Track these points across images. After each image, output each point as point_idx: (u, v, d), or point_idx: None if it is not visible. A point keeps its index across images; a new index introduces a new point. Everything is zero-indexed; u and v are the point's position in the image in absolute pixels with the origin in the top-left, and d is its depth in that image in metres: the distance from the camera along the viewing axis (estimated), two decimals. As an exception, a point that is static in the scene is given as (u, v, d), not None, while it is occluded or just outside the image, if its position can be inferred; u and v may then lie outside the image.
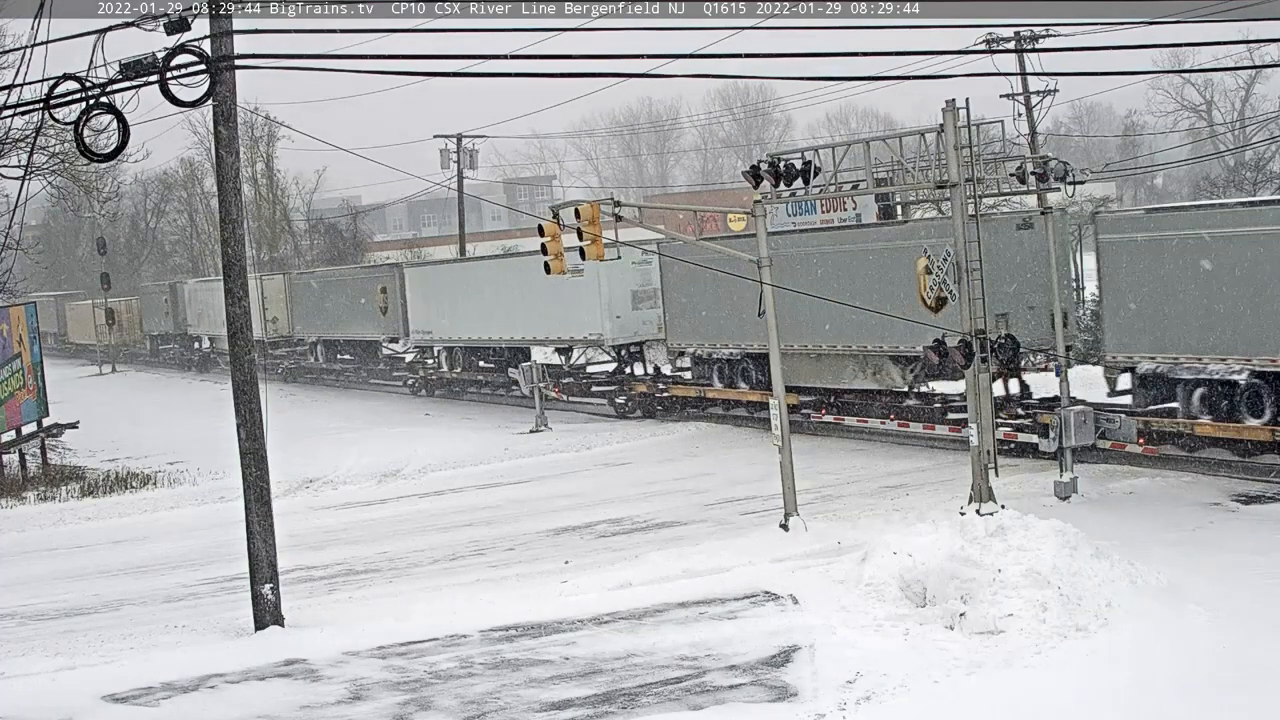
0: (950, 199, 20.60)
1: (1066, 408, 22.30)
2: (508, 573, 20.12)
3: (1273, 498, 21.11)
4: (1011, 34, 40.46)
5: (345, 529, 24.96)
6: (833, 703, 13.29)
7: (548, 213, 22.03)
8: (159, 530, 26.32)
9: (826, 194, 27.04)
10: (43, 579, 22.44)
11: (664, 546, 20.50)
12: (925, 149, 22.96)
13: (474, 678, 14.87)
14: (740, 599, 17.12)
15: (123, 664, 16.21)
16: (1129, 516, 20.21)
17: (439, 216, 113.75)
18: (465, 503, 26.81)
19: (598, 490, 26.71)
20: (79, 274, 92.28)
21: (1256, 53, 54.16)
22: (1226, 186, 52.46)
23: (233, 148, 17.09)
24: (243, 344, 17.39)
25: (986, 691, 13.42)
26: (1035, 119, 44.88)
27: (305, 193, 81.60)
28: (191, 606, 19.67)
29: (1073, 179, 24.00)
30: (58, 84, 15.41)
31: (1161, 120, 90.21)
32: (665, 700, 13.75)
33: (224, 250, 17.46)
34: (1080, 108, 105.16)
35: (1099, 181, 58.27)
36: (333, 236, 75.35)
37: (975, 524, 16.56)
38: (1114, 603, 15.11)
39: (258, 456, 17.21)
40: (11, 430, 32.82)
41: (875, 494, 23.78)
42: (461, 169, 59.39)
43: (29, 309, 34.60)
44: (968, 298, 20.10)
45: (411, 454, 32.64)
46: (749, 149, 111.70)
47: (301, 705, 14.39)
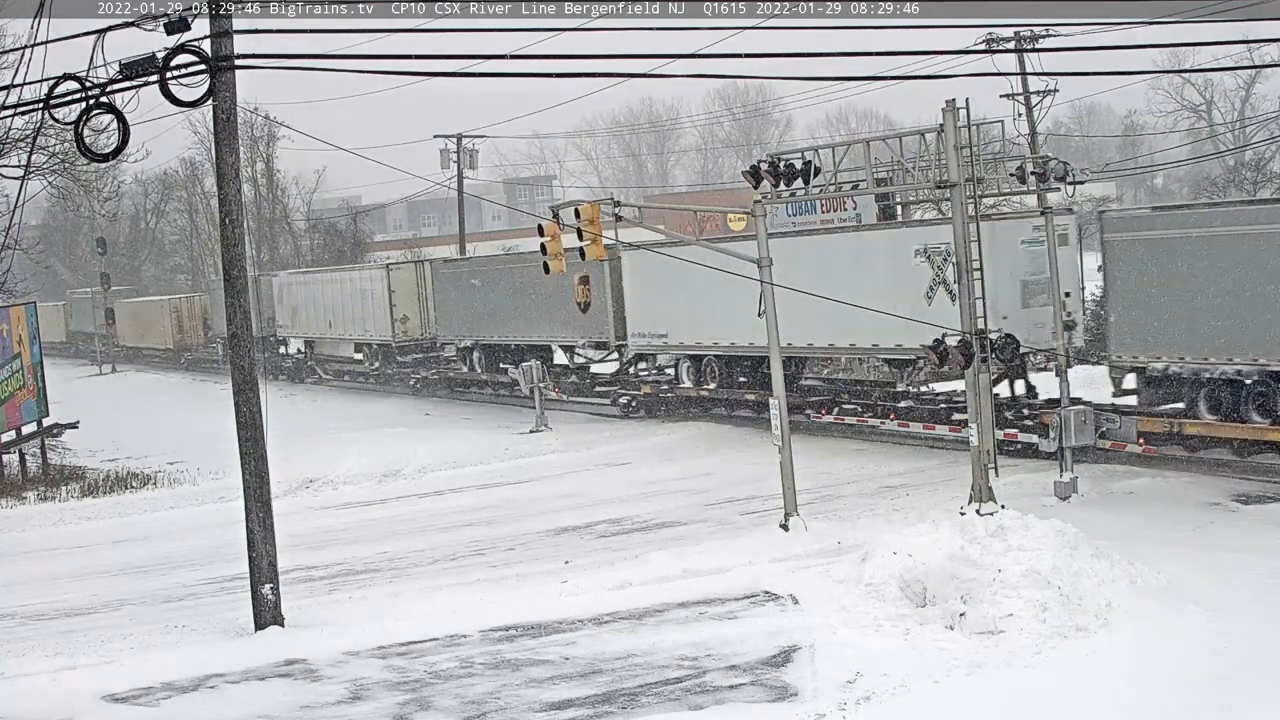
0: (950, 199, 20.60)
1: (1066, 408, 22.31)
2: (508, 573, 20.11)
3: (1273, 498, 21.11)
4: (1011, 34, 40.49)
5: (345, 529, 24.94)
6: (833, 703, 13.29)
7: (548, 213, 22.04)
8: (159, 530, 26.30)
9: (826, 194, 27.09)
10: (43, 579, 22.41)
11: (664, 546, 20.50)
12: (925, 149, 22.99)
13: (474, 678, 14.86)
14: (740, 599, 17.12)
15: (123, 664, 16.20)
16: (1129, 516, 20.20)
17: (439, 216, 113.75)
18: (465, 503, 26.79)
19: (598, 490, 26.69)
20: (79, 274, 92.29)
21: (1256, 53, 54.24)
22: (1227, 186, 52.44)
23: (233, 148, 17.09)
24: (243, 344, 17.37)
25: (986, 691, 13.42)
26: (1035, 119, 44.92)
27: (305, 193, 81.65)
28: (191, 606, 19.66)
29: (1073, 179, 23.99)
30: (58, 84, 15.42)
31: (1161, 120, 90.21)
32: (665, 700, 13.75)
33: (224, 250, 17.46)
34: (1080, 108, 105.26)
35: (1099, 181, 58.29)
36: (332, 236, 75.32)
37: (975, 524, 16.56)
38: (1114, 603, 15.11)
39: (258, 456, 17.21)
40: (11, 430, 32.82)
41: (875, 494, 23.77)
42: (461, 169, 59.42)
43: (29, 309, 34.60)
44: (968, 297, 20.10)
45: (411, 454, 32.63)
46: (749, 149, 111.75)
47: (301, 705, 14.39)
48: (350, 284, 48.94)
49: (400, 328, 45.44)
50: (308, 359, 54.94)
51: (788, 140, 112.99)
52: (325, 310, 50.66)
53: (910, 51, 19.93)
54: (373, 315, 46.69)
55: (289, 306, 53.89)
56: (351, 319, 48.47)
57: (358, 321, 47.98)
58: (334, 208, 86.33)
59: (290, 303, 53.77)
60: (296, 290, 53.53)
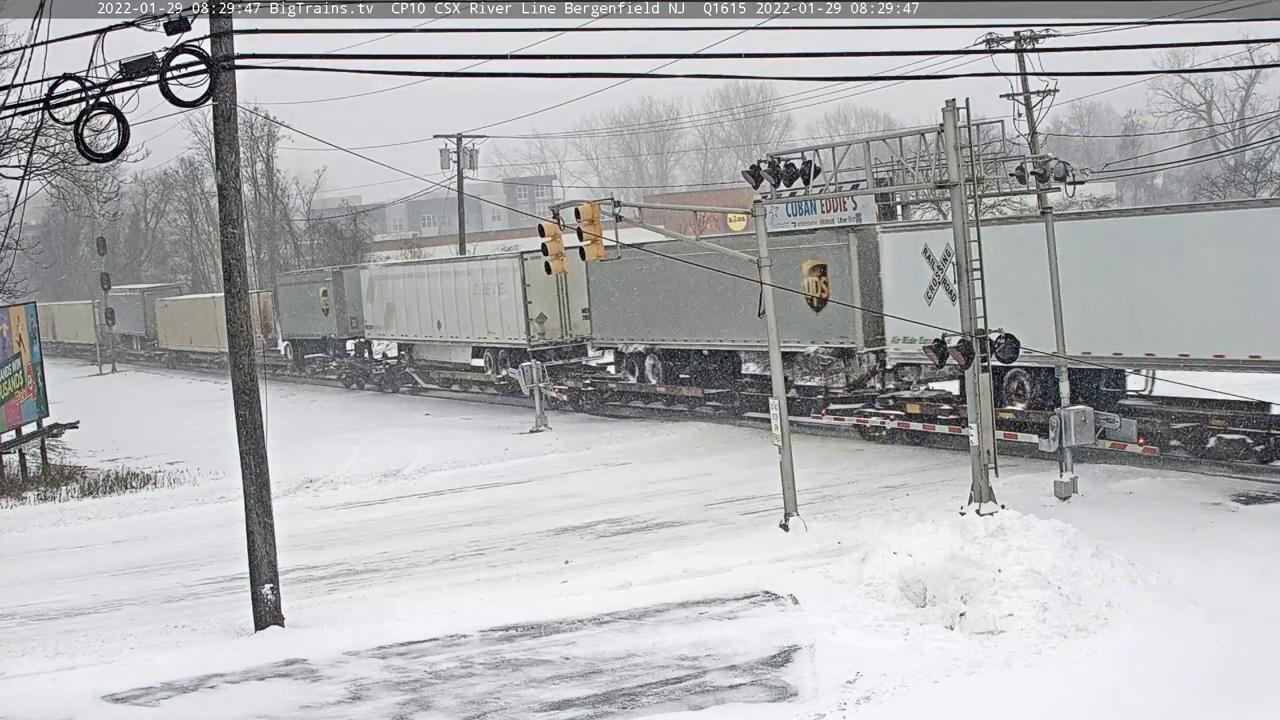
0: (950, 199, 20.58)
1: (1066, 408, 22.29)
2: (508, 573, 20.12)
3: (1273, 498, 21.11)
4: (1011, 34, 40.51)
5: (345, 529, 24.95)
6: (833, 703, 13.29)
7: (548, 213, 22.05)
8: (159, 530, 26.31)
9: (826, 194, 27.03)
10: (43, 579, 22.42)
11: (664, 546, 20.51)
12: (925, 149, 22.92)
13: (474, 678, 14.87)
14: (740, 599, 17.12)
15: (123, 664, 16.21)
16: (1129, 516, 20.20)
17: (439, 216, 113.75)
18: (465, 503, 26.80)
19: (598, 490, 26.70)
20: (79, 274, 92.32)
21: (1256, 53, 54.22)
22: (1227, 186, 52.48)
23: (233, 147, 17.09)
24: (242, 344, 17.37)
25: (986, 691, 13.42)
26: (1035, 119, 44.93)
27: (305, 193, 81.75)
28: (191, 606, 19.66)
29: (1073, 179, 23.97)
30: (58, 84, 15.41)
31: (1161, 120, 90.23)
32: (665, 700, 13.75)
33: (224, 251, 17.47)
34: (1080, 108, 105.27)
35: (1099, 181, 58.31)
36: (332, 236, 75.35)
37: (975, 524, 16.57)
38: (1114, 603, 15.11)
39: (258, 456, 17.21)
40: (11, 430, 32.82)
41: (875, 494, 23.78)
42: (461, 169, 59.42)
43: (29, 309, 34.61)
44: (968, 297, 20.07)
45: (411, 454, 32.64)
46: (749, 149, 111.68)
47: (301, 705, 14.39)
48: (470, 277, 41.32)
49: (537, 328, 38.19)
50: (404, 365, 47.56)
51: (788, 140, 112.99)
52: (433, 308, 43.27)
53: (910, 51, 19.94)
54: (500, 313, 39.52)
55: (382, 304, 46.40)
56: (470, 318, 41.21)
57: (478, 321, 40.81)
58: (334, 208, 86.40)
59: (384, 300, 46.29)
60: (394, 285, 46.02)
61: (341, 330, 50.30)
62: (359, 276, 48.78)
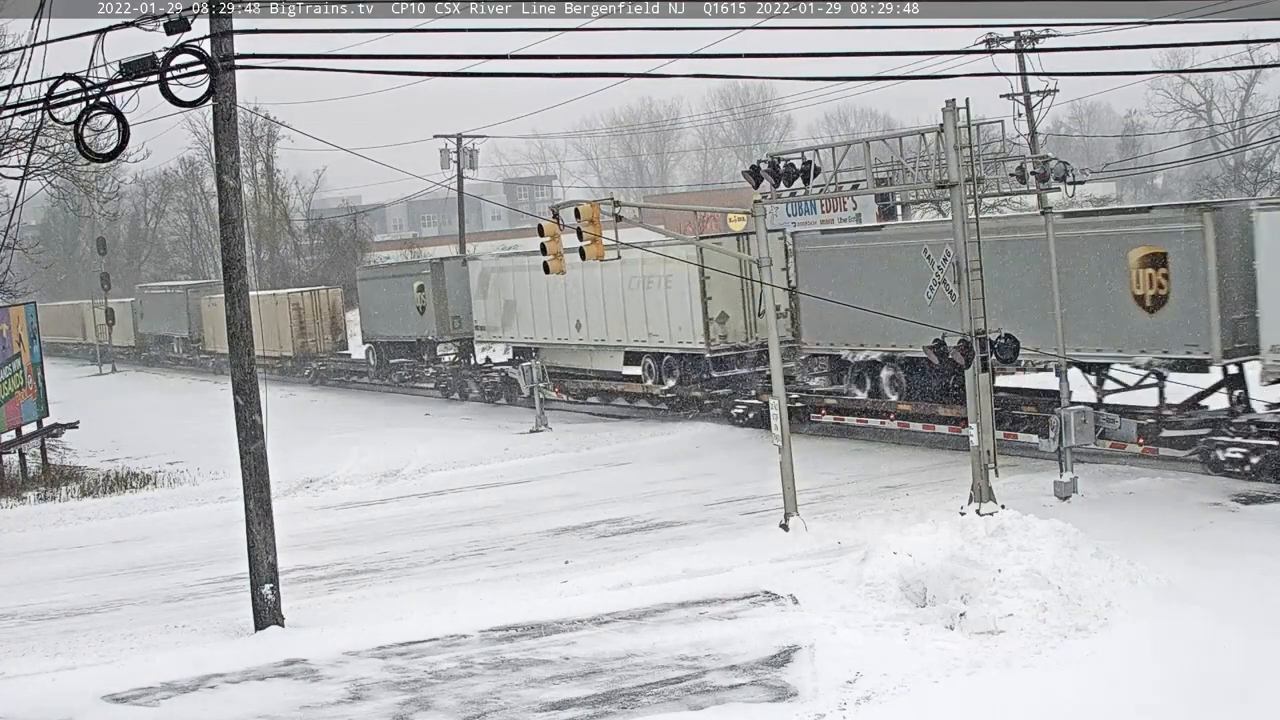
0: (950, 199, 20.58)
1: (1066, 408, 22.28)
2: (508, 573, 20.12)
3: (1273, 498, 21.10)
4: (1011, 34, 40.54)
5: (345, 529, 24.96)
6: (833, 703, 13.29)
7: (548, 212, 22.04)
8: (159, 530, 26.32)
9: (826, 194, 27.05)
10: (43, 579, 22.44)
11: (664, 546, 20.52)
12: (925, 149, 22.93)
13: (474, 678, 14.87)
14: (740, 599, 17.12)
15: (123, 664, 16.23)
16: (1129, 516, 20.19)
17: (439, 216, 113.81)
18: (465, 503, 26.80)
19: (598, 490, 26.69)
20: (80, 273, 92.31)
21: (1256, 53, 54.12)
22: (1227, 186, 52.50)
23: (233, 148, 17.10)
24: (242, 344, 17.37)
25: (986, 691, 13.42)
26: (1035, 119, 45.00)
27: (305, 193, 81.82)
28: (191, 606, 19.68)
29: (1073, 179, 23.98)
30: (58, 84, 15.42)
31: (1161, 120, 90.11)
32: (665, 700, 13.75)
33: (223, 251, 17.47)
34: (1080, 108, 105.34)
35: (1099, 181, 58.36)
36: (332, 236, 75.39)
37: (975, 524, 16.57)
38: (1114, 603, 15.11)
39: (258, 456, 17.21)
40: (11, 430, 32.84)
41: (875, 494, 23.77)
42: (461, 169, 59.47)
43: (29, 309, 34.62)
44: (968, 297, 20.08)
45: (411, 454, 32.64)
46: (749, 149, 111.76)
47: (301, 705, 14.40)
48: (624, 267, 32.38)
49: (717, 330, 31.61)
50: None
51: (788, 140, 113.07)
52: (570, 305, 36.22)
53: (910, 51, 19.95)
54: (665, 312, 32.84)
55: (499, 301, 39.64)
56: (622, 318, 34.38)
57: (635, 321, 33.95)
58: (334, 208, 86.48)
59: (501, 296, 39.50)
60: (515, 279, 38.78)
61: (442, 331, 43.16)
62: (469, 269, 41.66)
